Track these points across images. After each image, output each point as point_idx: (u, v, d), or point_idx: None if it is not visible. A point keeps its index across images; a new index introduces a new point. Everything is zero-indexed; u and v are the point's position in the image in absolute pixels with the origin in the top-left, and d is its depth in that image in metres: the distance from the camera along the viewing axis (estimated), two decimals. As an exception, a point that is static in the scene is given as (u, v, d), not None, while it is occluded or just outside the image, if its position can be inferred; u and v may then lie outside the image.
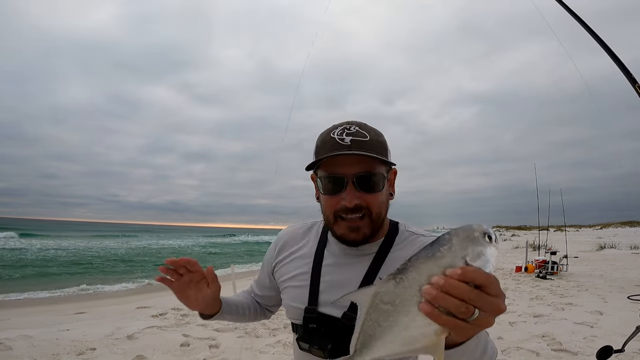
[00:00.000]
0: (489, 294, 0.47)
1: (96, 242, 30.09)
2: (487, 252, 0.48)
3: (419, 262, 0.49)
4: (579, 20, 2.02)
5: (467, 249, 0.48)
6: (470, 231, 0.49)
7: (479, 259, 0.47)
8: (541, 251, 11.48)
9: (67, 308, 6.86)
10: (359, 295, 0.55)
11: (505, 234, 43.86)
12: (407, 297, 0.49)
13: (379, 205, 0.80)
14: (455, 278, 0.45)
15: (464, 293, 0.45)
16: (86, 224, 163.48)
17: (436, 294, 0.45)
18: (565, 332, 4.48)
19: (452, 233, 0.49)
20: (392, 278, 0.51)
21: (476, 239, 0.48)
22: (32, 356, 3.44)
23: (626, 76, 1.78)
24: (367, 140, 0.77)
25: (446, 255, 0.48)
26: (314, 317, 0.84)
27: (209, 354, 3.77)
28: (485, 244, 0.48)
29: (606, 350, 1.65)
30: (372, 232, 0.81)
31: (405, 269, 0.50)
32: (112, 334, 4.17)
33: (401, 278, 0.50)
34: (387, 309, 0.51)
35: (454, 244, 0.48)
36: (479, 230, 0.49)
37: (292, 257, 0.95)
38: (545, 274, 9.18)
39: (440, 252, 0.48)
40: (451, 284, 0.45)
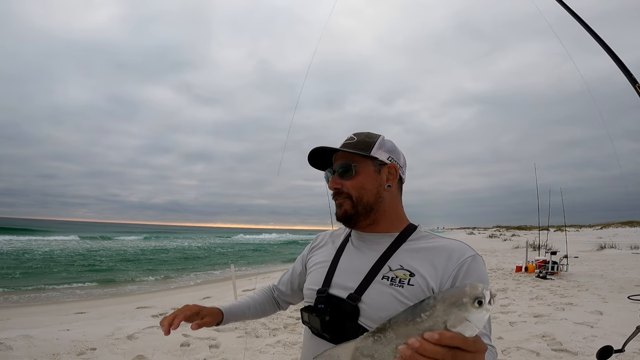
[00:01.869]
0: (466, 350, 0.49)
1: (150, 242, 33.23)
2: (473, 318, 0.48)
3: (397, 325, 0.52)
4: (579, 21, 2.02)
5: (449, 315, 0.48)
6: (460, 296, 0.49)
7: (460, 325, 0.48)
8: (541, 251, 11.48)
9: (67, 308, 6.86)
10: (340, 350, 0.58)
11: (505, 234, 43.85)
12: (385, 353, 0.52)
13: (357, 189, 0.95)
14: (432, 342, 0.47)
15: (439, 355, 0.47)
16: (86, 224, 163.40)
17: (410, 354, 0.48)
18: (566, 332, 4.48)
19: (439, 299, 0.50)
20: (371, 335, 0.54)
21: (463, 305, 0.48)
22: (32, 356, 3.44)
23: (626, 76, 1.78)
24: (353, 142, 0.98)
25: (425, 321, 0.49)
26: (323, 297, 0.93)
27: (209, 354, 3.77)
28: (471, 310, 0.48)
29: (606, 350, 1.65)
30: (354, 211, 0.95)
31: (384, 329, 0.53)
32: (112, 334, 4.17)
33: (379, 336, 0.53)
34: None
35: (437, 310, 0.49)
36: (470, 295, 0.49)
37: (323, 248, 1.11)
38: (546, 274, 9.18)
39: (420, 317, 0.50)
40: (425, 347, 0.47)
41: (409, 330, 0.50)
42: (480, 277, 0.83)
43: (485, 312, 0.49)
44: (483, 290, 0.49)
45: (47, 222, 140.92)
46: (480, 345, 0.50)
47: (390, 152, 0.99)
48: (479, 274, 0.83)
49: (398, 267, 0.86)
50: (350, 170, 0.96)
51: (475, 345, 0.49)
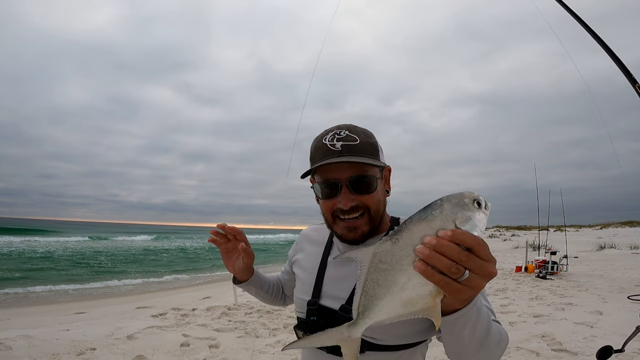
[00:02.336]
0: (479, 256, 0.51)
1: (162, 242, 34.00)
2: (476, 217, 0.53)
3: (412, 224, 0.54)
4: (579, 21, 2.02)
5: (457, 214, 0.52)
6: (461, 197, 0.53)
7: (467, 223, 0.52)
8: (541, 251, 11.48)
9: (67, 308, 6.86)
10: (360, 253, 0.58)
11: (505, 234, 43.85)
12: (403, 256, 0.54)
13: (376, 203, 0.85)
14: (446, 239, 0.49)
15: (454, 253, 0.49)
16: (87, 224, 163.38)
17: (429, 252, 0.49)
18: (565, 332, 4.48)
19: (444, 199, 0.54)
20: (389, 239, 0.55)
21: (466, 204, 0.53)
22: (32, 356, 3.44)
23: (626, 76, 1.78)
24: (357, 144, 0.82)
25: (438, 218, 0.52)
26: (314, 309, 0.89)
27: (209, 354, 3.77)
28: (474, 210, 0.53)
29: (606, 350, 1.65)
30: (370, 229, 0.86)
31: (400, 230, 0.54)
32: (112, 334, 4.17)
33: (397, 239, 0.54)
34: (386, 268, 0.55)
35: (445, 208, 0.53)
36: (469, 197, 0.53)
37: (306, 252, 1.05)
38: (545, 274, 9.18)
39: (432, 215, 0.53)
40: (442, 244, 0.49)
41: (423, 228, 0.52)
42: None
43: (484, 215, 0.53)
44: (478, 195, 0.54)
45: (47, 222, 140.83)
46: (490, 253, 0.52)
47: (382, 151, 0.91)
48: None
49: None
50: (372, 184, 0.83)
51: (485, 250, 0.51)
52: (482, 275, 0.51)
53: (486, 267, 0.51)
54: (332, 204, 0.85)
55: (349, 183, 0.82)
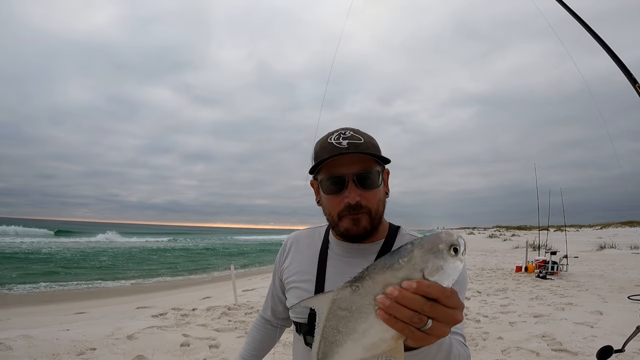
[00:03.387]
0: (444, 305, 0.48)
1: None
2: (449, 266, 0.48)
3: (375, 272, 0.50)
4: (579, 20, 2.02)
5: (427, 262, 0.47)
6: (435, 243, 0.48)
7: (437, 273, 0.47)
8: (541, 251, 11.47)
9: (67, 308, 6.86)
10: (317, 301, 0.55)
11: (505, 234, 43.84)
12: (364, 305, 0.50)
13: (377, 202, 0.85)
14: (410, 291, 0.46)
15: (417, 305, 0.46)
16: (87, 224, 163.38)
17: (389, 303, 0.47)
18: (565, 332, 4.48)
19: (416, 244, 0.49)
20: (348, 285, 0.52)
21: (439, 252, 0.48)
22: (32, 356, 3.44)
23: (626, 76, 1.78)
24: (362, 142, 0.83)
25: (404, 268, 0.48)
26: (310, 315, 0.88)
27: (209, 354, 3.77)
28: (447, 258, 0.48)
29: (606, 350, 1.65)
30: (371, 227, 0.85)
31: (362, 278, 0.51)
32: (112, 334, 4.17)
33: (357, 286, 0.51)
34: (345, 315, 0.52)
35: (414, 256, 0.48)
36: (445, 242, 0.48)
37: (297, 258, 0.99)
38: (546, 274, 9.18)
39: (398, 263, 0.48)
40: (404, 295, 0.46)
41: (386, 277, 0.48)
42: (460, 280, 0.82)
43: (459, 262, 0.48)
44: (458, 238, 0.49)
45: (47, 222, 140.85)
46: (458, 300, 0.49)
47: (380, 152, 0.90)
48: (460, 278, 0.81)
49: None
50: (377, 180, 0.84)
51: (453, 299, 0.48)
52: (447, 322, 0.49)
53: (451, 314, 0.49)
54: (339, 200, 0.83)
55: (355, 177, 0.82)
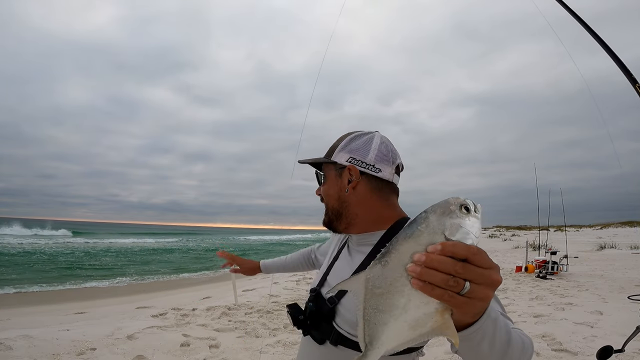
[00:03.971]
0: (477, 265, 0.47)
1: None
2: (466, 223, 0.48)
3: (399, 244, 0.50)
4: (579, 20, 2.02)
5: (444, 224, 0.48)
6: (446, 205, 0.49)
7: (457, 232, 0.47)
8: (541, 251, 11.47)
9: (67, 308, 6.86)
10: (350, 284, 0.54)
11: (506, 233, 43.84)
12: (396, 278, 0.50)
13: (326, 196, 0.99)
14: (436, 253, 0.45)
15: (448, 266, 0.45)
16: (87, 224, 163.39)
17: (420, 270, 0.46)
18: (565, 332, 4.48)
19: (429, 210, 0.50)
20: (377, 262, 0.51)
21: (453, 212, 0.48)
22: (32, 356, 3.44)
23: (626, 76, 1.78)
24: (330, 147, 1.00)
25: (424, 233, 0.48)
26: (313, 296, 0.96)
27: (209, 354, 3.77)
28: (462, 216, 0.48)
29: (606, 350, 1.65)
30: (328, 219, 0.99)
31: (387, 252, 0.50)
32: (112, 334, 4.17)
33: (386, 261, 0.50)
34: (382, 292, 0.51)
35: (431, 221, 0.48)
36: (454, 203, 0.49)
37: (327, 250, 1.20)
38: (546, 274, 9.18)
39: (418, 230, 0.48)
40: (432, 258, 0.45)
41: (410, 245, 0.48)
42: None
43: (475, 219, 0.49)
44: (465, 199, 0.49)
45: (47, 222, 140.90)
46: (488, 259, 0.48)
47: (353, 152, 0.94)
48: None
49: None
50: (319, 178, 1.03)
51: (482, 257, 0.47)
52: (485, 284, 0.47)
53: (488, 275, 0.47)
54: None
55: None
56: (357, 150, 0.94)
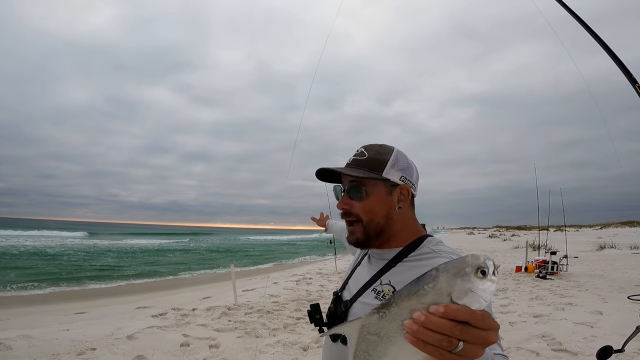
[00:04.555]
0: (476, 327, 0.46)
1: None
2: (478, 288, 0.46)
3: (401, 299, 0.50)
4: (578, 20, 2.02)
5: (454, 287, 0.47)
6: (462, 267, 0.47)
7: (466, 297, 0.46)
8: (541, 251, 11.48)
9: (67, 308, 6.86)
10: (346, 328, 0.58)
11: (505, 234, 43.83)
12: (392, 330, 0.51)
13: (367, 212, 0.93)
14: (437, 315, 0.45)
15: (445, 328, 0.45)
16: (87, 224, 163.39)
17: (417, 328, 0.46)
18: (565, 332, 4.48)
19: (441, 269, 0.48)
20: (376, 312, 0.52)
21: (467, 275, 0.47)
22: (32, 356, 3.44)
23: (626, 76, 1.78)
24: (363, 159, 0.94)
25: (429, 294, 0.47)
26: (334, 299, 1.02)
27: (209, 354, 3.77)
28: (476, 281, 0.46)
29: (606, 350, 1.65)
30: (366, 236, 0.94)
31: (389, 304, 0.51)
32: (112, 334, 4.17)
33: (384, 312, 0.51)
34: (375, 340, 0.53)
35: (440, 281, 0.47)
36: (472, 265, 0.47)
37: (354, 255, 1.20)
38: (545, 274, 9.18)
39: (423, 290, 0.48)
40: (431, 320, 0.45)
41: (412, 303, 0.48)
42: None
43: (490, 283, 0.47)
44: (485, 260, 0.47)
45: (47, 223, 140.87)
46: (490, 321, 0.48)
47: (404, 171, 0.96)
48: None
49: (387, 282, 0.91)
50: (360, 192, 0.93)
51: (484, 321, 0.47)
52: (479, 344, 0.47)
53: (484, 336, 0.47)
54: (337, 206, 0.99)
55: (347, 188, 0.95)
56: (406, 170, 0.96)
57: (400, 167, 0.95)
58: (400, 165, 0.95)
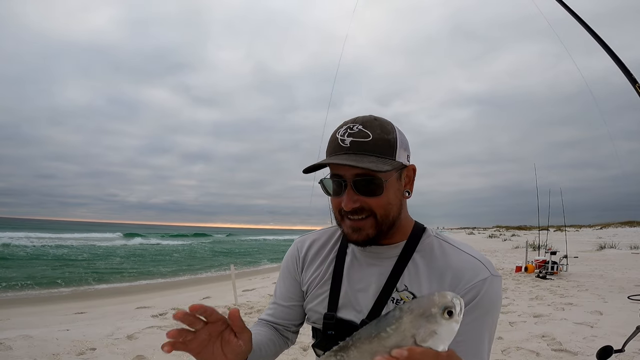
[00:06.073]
0: None
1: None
2: (442, 330, 0.45)
3: (361, 342, 0.47)
4: (579, 20, 2.02)
5: (418, 328, 0.44)
6: (428, 306, 0.45)
7: (430, 339, 0.44)
8: (541, 251, 11.47)
9: (67, 308, 6.86)
10: None
11: (505, 234, 43.84)
12: None
13: (383, 207, 0.75)
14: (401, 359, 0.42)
15: None
16: (87, 224, 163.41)
17: None
18: (565, 332, 4.48)
19: (404, 309, 0.46)
20: (333, 355, 0.50)
21: (432, 316, 0.45)
22: (32, 356, 3.43)
23: (626, 76, 1.78)
24: (368, 141, 0.72)
25: (392, 336, 0.45)
26: (332, 324, 0.83)
27: (209, 354, 3.77)
28: (441, 322, 0.45)
29: (606, 350, 1.65)
30: (377, 233, 0.77)
31: (346, 347, 0.48)
32: (112, 334, 4.17)
33: (342, 356, 0.48)
34: None
35: (404, 322, 0.45)
36: (439, 305, 0.45)
37: (316, 261, 0.92)
38: (545, 274, 9.18)
39: (385, 332, 0.45)
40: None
41: (373, 347, 0.45)
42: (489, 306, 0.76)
43: (455, 324, 0.45)
44: (453, 299, 0.45)
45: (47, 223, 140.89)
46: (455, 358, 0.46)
47: (407, 148, 0.79)
48: (488, 303, 0.75)
49: (404, 288, 0.78)
50: (374, 186, 0.74)
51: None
52: None
53: None
54: (338, 202, 0.77)
55: (353, 183, 0.74)
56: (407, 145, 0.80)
57: (405, 145, 0.78)
58: (404, 142, 0.78)
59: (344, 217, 0.78)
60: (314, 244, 0.94)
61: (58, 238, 32.25)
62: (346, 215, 0.77)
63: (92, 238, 34.53)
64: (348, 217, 0.77)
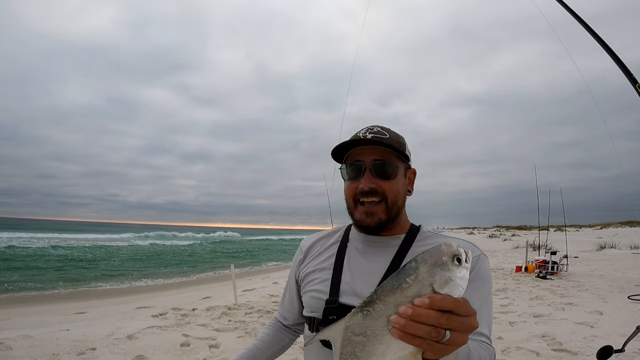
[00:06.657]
0: (459, 315, 0.48)
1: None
2: (456, 276, 0.48)
3: (384, 295, 0.49)
4: (579, 20, 2.02)
5: (434, 276, 0.47)
6: (439, 256, 0.48)
7: (447, 285, 0.47)
8: (541, 251, 11.47)
9: (67, 308, 6.86)
10: (329, 332, 0.55)
11: (506, 233, 43.82)
12: (378, 327, 0.50)
13: (394, 192, 0.88)
14: (424, 307, 0.46)
15: (433, 319, 0.46)
16: (87, 224, 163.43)
17: (404, 322, 0.46)
18: (565, 332, 4.48)
19: (419, 260, 0.49)
20: (359, 311, 0.51)
21: (444, 264, 0.48)
22: (32, 356, 3.44)
23: (626, 76, 1.78)
24: (386, 137, 0.87)
25: (412, 286, 0.48)
26: (334, 308, 0.86)
27: (209, 354, 3.77)
28: (453, 269, 0.48)
29: (606, 350, 1.65)
30: (387, 218, 0.88)
31: (372, 302, 0.50)
32: (112, 334, 4.17)
33: (368, 310, 0.50)
34: (361, 340, 0.52)
35: (421, 272, 0.48)
36: (447, 254, 0.48)
37: (316, 255, 1.00)
38: (546, 274, 9.18)
39: (406, 282, 0.48)
40: (419, 312, 0.46)
41: (397, 298, 0.48)
42: (484, 277, 0.83)
43: (465, 270, 0.49)
44: (457, 247, 0.49)
45: (47, 222, 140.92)
46: (470, 308, 0.50)
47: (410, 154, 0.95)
48: (483, 275, 0.83)
49: None
50: (390, 170, 0.87)
51: (467, 308, 0.49)
52: (465, 331, 0.49)
53: (468, 322, 0.49)
54: (355, 186, 0.88)
55: (372, 166, 0.87)
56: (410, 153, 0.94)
57: (409, 150, 0.95)
58: (409, 147, 0.95)
59: (357, 203, 0.89)
60: (318, 242, 1.03)
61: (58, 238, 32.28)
62: (360, 199, 0.88)
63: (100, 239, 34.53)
64: (362, 201, 0.88)
